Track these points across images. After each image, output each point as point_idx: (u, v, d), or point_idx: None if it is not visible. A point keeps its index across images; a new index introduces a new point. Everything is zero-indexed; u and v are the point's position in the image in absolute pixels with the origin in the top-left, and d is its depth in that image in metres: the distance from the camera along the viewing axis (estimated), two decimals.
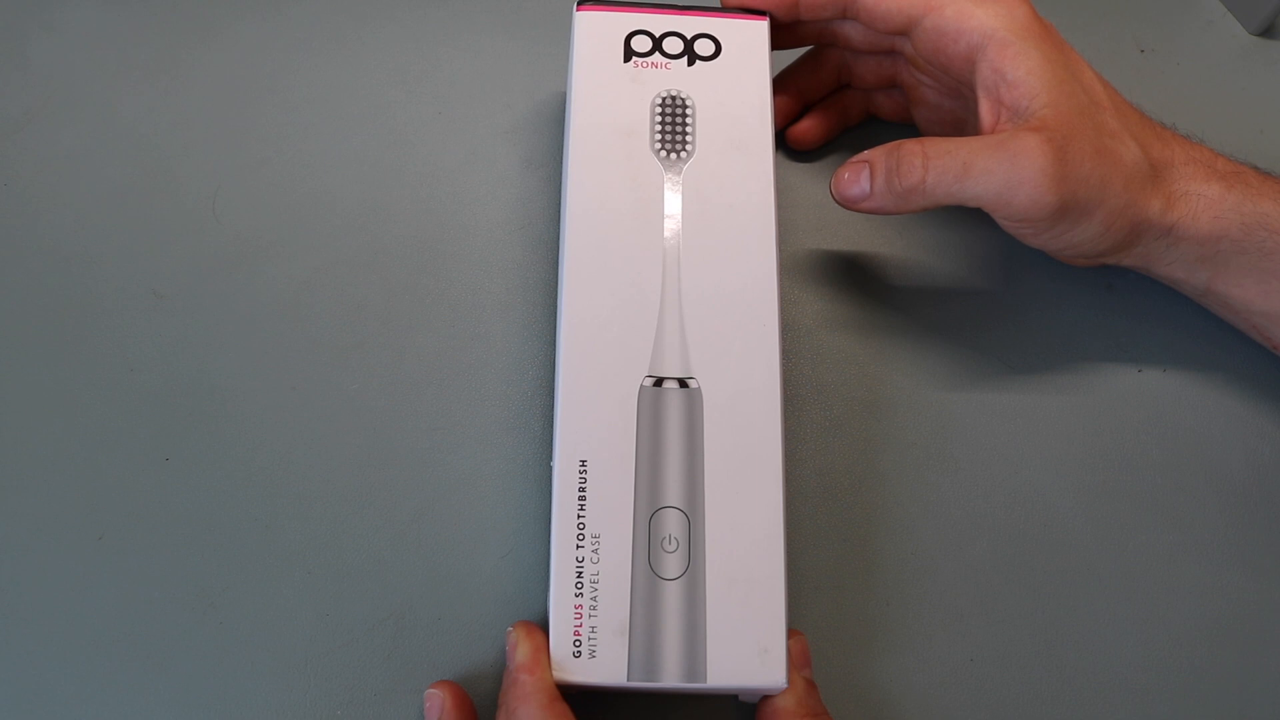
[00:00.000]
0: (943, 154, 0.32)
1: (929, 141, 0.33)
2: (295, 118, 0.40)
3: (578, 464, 0.30)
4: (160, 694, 0.31)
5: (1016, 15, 0.33)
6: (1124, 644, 0.33)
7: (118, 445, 0.34)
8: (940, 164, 0.32)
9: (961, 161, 0.32)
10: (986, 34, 0.33)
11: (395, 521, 0.34)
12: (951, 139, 0.33)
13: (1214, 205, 0.33)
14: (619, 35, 0.35)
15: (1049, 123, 0.32)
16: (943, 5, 0.33)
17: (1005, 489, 0.35)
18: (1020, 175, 0.31)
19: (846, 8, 0.35)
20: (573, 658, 0.28)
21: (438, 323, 0.37)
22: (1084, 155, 0.32)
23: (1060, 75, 0.32)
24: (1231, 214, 0.33)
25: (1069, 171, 0.31)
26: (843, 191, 0.34)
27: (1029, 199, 0.31)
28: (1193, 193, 0.33)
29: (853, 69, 0.39)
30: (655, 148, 0.34)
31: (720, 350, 0.32)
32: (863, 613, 0.33)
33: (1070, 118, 0.32)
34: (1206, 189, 0.33)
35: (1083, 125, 0.32)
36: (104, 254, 0.37)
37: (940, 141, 0.33)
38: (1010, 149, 0.31)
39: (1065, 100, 0.32)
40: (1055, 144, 0.31)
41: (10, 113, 0.39)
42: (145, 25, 0.41)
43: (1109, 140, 0.32)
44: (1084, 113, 0.32)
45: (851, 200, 0.34)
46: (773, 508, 0.30)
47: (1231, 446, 0.36)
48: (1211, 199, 0.33)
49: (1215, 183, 0.34)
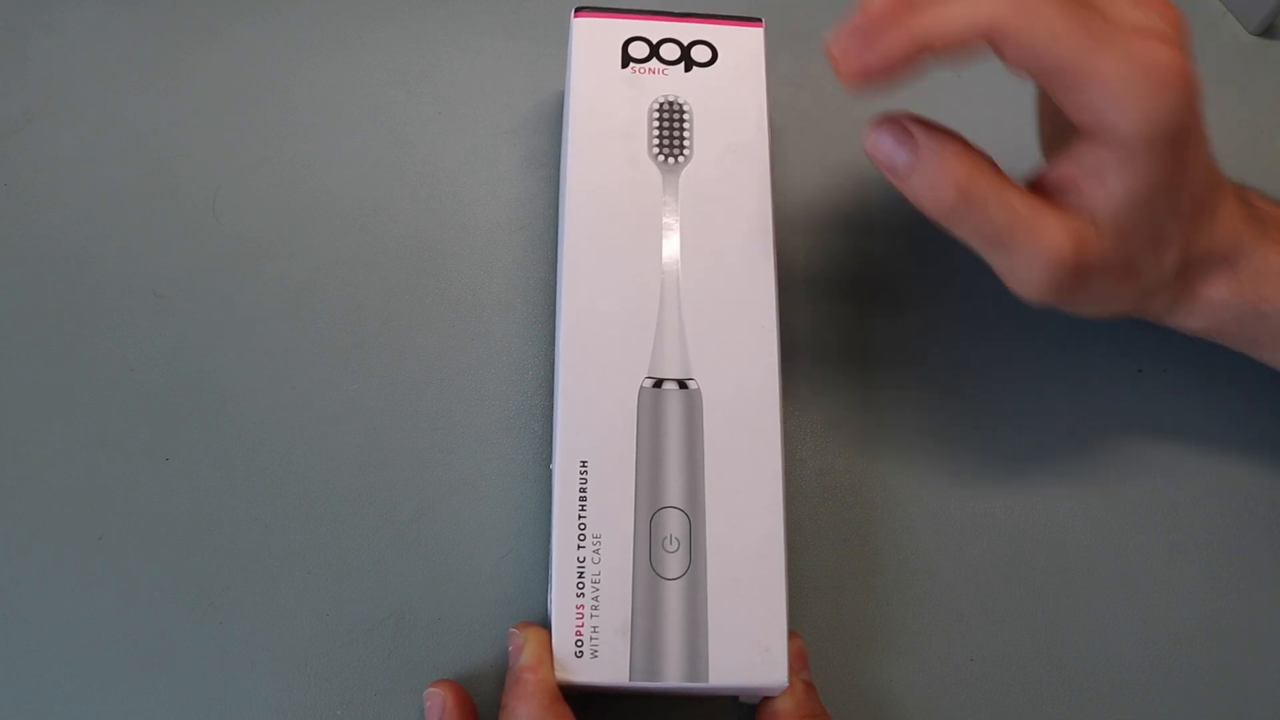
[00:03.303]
0: (979, 204, 0.29)
1: (975, 177, 0.29)
2: (295, 118, 0.40)
3: (578, 464, 0.30)
4: (160, 694, 0.31)
5: (1160, 114, 0.27)
6: (1124, 644, 0.33)
7: (118, 445, 0.34)
8: (975, 215, 0.29)
9: (999, 228, 0.29)
10: (1120, 133, 0.28)
11: (395, 521, 0.34)
12: (1003, 185, 0.29)
13: (1216, 309, 0.32)
14: (616, 41, 0.36)
15: (1091, 237, 0.29)
16: (1094, 73, 0.27)
17: (1005, 489, 0.35)
18: (1023, 267, 0.29)
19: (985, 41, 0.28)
20: (574, 658, 0.29)
21: (438, 323, 0.37)
22: (1105, 273, 0.30)
23: (1152, 195, 0.29)
24: (1229, 317, 0.32)
25: (1076, 283, 0.29)
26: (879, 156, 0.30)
27: (1022, 288, 0.30)
28: (1201, 297, 0.32)
29: None
30: (653, 152, 0.34)
31: (719, 351, 0.32)
32: (863, 613, 0.33)
33: (1122, 236, 0.29)
34: (1217, 293, 0.32)
35: (1129, 247, 0.29)
36: (104, 254, 0.37)
37: (989, 182, 0.29)
38: (1037, 232, 0.29)
39: (1134, 221, 0.29)
40: (1081, 258, 0.29)
41: (10, 113, 0.39)
42: (145, 25, 0.41)
43: (1149, 256, 0.30)
44: (1143, 231, 0.29)
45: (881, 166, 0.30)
46: (773, 507, 0.30)
47: (1231, 446, 0.36)
48: (1215, 305, 0.32)
49: (1228, 285, 0.32)
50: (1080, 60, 0.27)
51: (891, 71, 0.28)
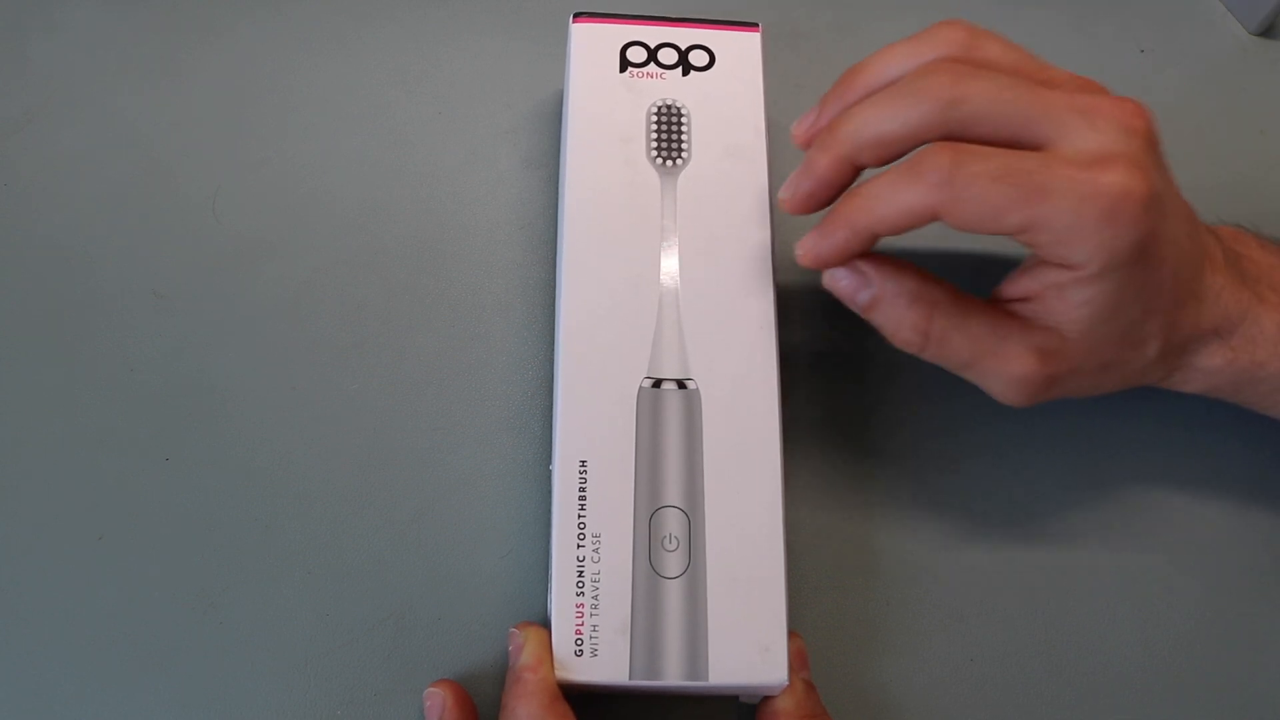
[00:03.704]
0: (947, 340, 0.29)
1: (934, 317, 0.29)
2: (295, 118, 0.40)
3: (578, 464, 0.30)
4: (160, 694, 0.31)
5: (1114, 243, 0.27)
6: (1124, 644, 0.33)
7: (118, 445, 0.34)
8: (941, 352, 0.30)
9: (965, 359, 0.30)
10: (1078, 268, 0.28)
11: (395, 521, 0.34)
12: (964, 315, 0.29)
13: (1212, 376, 0.32)
14: (615, 46, 0.36)
15: (1058, 349, 0.29)
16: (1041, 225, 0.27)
17: (1005, 489, 0.35)
18: (993, 385, 0.30)
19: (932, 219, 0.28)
20: (574, 657, 0.29)
21: (438, 323, 0.37)
22: (1080, 375, 0.30)
23: (1116, 308, 0.28)
24: (1225, 382, 0.32)
25: (1048, 391, 0.30)
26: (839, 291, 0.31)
27: (999, 398, 0.30)
28: (1194, 367, 0.32)
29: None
30: (651, 155, 0.34)
31: (718, 351, 0.32)
32: (863, 613, 0.33)
33: (1091, 344, 0.29)
34: (1210, 362, 0.31)
35: (1101, 351, 0.29)
36: (104, 254, 0.37)
37: (950, 318, 0.29)
38: (1002, 355, 0.29)
39: (1101, 329, 0.29)
40: (1047, 372, 0.29)
41: (10, 113, 0.39)
42: (145, 25, 0.41)
43: (1126, 352, 0.30)
44: (1113, 337, 0.29)
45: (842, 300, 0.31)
46: (772, 506, 0.30)
47: (1231, 446, 0.36)
48: (1209, 371, 0.32)
49: (1222, 355, 0.31)
50: (1024, 219, 0.27)
51: (846, 258, 0.30)
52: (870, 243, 0.29)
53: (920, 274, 0.30)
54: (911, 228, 0.28)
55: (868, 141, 0.29)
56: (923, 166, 0.27)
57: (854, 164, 0.29)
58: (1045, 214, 0.26)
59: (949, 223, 0.28)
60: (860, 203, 0.29)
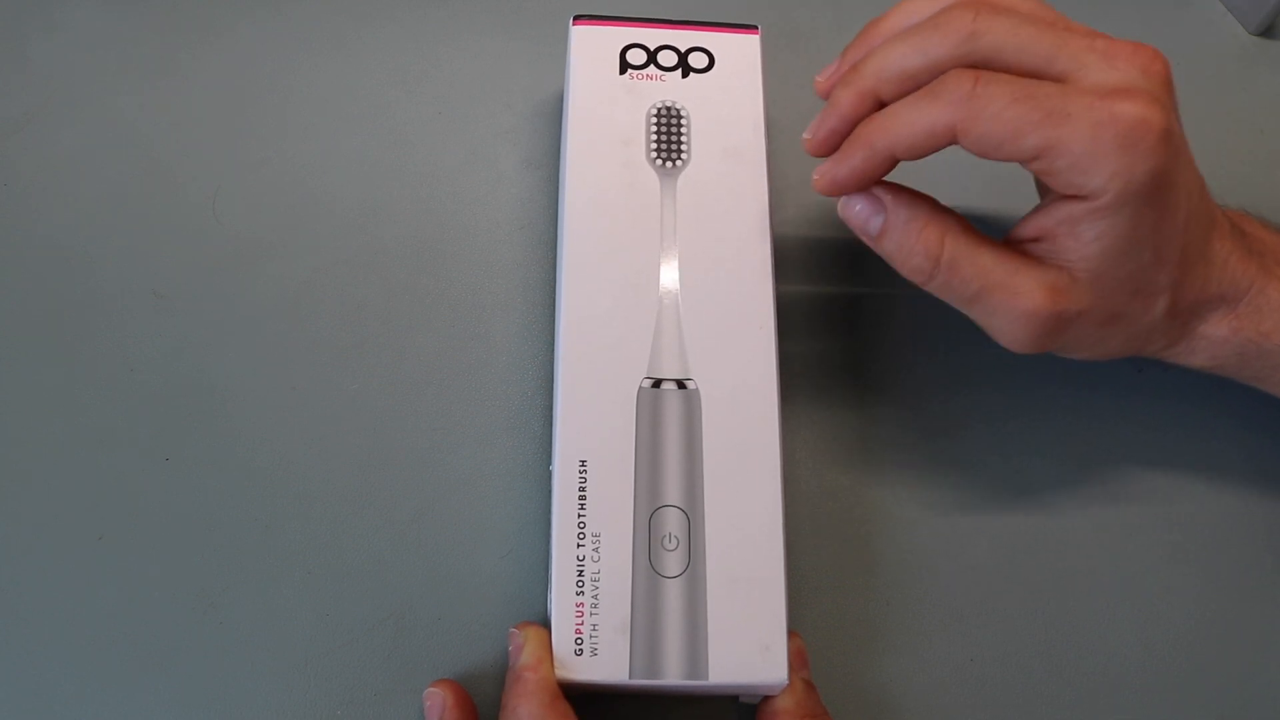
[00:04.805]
0: (958, 267, 0.29)
1: (947, 242, 0.29)
2: (295, 118, 0.40)
3: (577, 464, 0.30)
4: (160, 694, 0.31)
5: (1130, 172, 0.27)
6: (1124, 644, 0.33)
7: (118, 445, 0.34)
8: (950, 279, 0.30)
9: (975, 290, 0.29)
10: (1092, 194, 0.28)
11: (395, 521, 0.34)
12: (976, 246, 0.29)
13: (1216, 347, 0.32)
14: (615, 48, 0.36)
15: (1067, 288, 0.29)
16: (1058, 148, 0.27)
17: (1005, 489, 0.35)
18: (1000, 322, 0.30)
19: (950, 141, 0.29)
20: (574, 656, 0.29)
21: (438, 323, 0.37)
22: (1088, 320, 0.30)
23: (1129, 247, 0.29)
24: (1230, 354, 0.32)
25: (1054, 333, 0.30)
26: (851, 219, 0.31)
27: (1003, 340, 0.30)
28: (1200, 335, 0.32)
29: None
30: (651, 156, 0.34)
31: (718, 352, 0.32)
32: (863, 613, 0.33)
33: (1102, 287, 0.29)
34: (1216, 331, 0.31)
35: (1110, 297, 0.29)
36: (104, 254, 0.37)
37: (961, 246, 0.29)
38: (1011, 288, 0.29)
39: (1112, 270, 0.29)
40: (1057, 310, 0.29)
41: (10, 113, 0.39)
42: (145, 25, 0.41)
43: (1135, 303, 0.30)
44: (1124, 282, 0.29)
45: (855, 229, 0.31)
46: (772, 506, 0.30)
47: (1231, 447, 0.36)
48: (1215, 341, 0.32)
49: (1228, 323, 0.31)
50: (1042, 141, 0.27)
51: (863, 182, 0.30)
52: (888, 166, 0.30)
53: (933, 202, 0.30)
54: (930, 149, 0.28)
55: (891, 76, 0.29)
56: (944, 86, 0.28)
57: (877, 98, 0.30)
58: (1063, 136, 0.27)
59: (966, 145, 0.28)
60: (880, 122, 0.29)
